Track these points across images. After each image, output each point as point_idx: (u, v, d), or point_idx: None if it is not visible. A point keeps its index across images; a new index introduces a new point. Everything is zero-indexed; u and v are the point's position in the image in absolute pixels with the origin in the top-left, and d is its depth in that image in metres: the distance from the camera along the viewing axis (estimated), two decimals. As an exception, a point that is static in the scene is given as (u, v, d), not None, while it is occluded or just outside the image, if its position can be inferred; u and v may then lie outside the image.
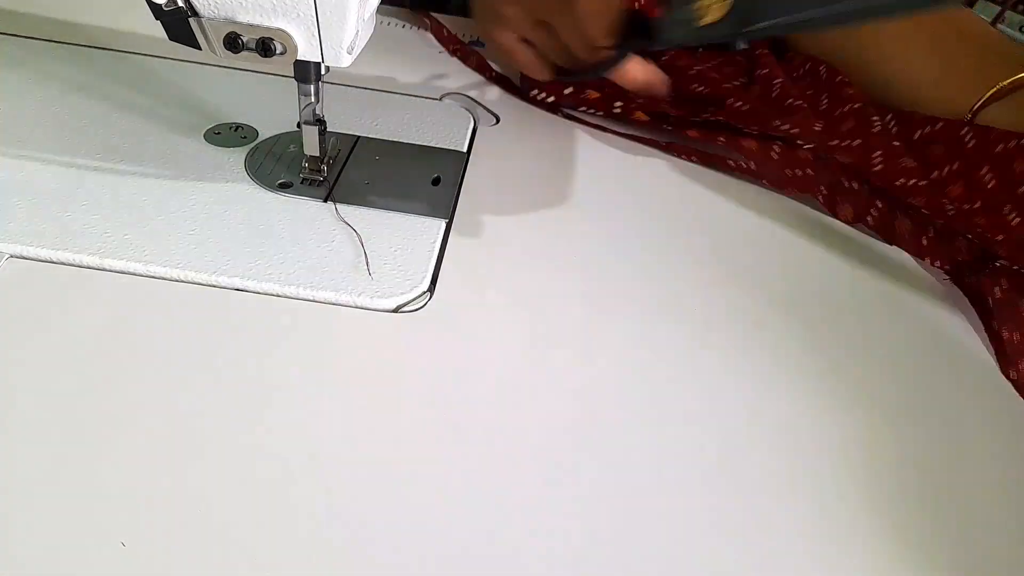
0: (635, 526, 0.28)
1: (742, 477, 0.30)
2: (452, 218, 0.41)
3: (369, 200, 0.40)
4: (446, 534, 0.27)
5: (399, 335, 0.34)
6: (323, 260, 0.36)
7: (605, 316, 0.37)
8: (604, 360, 0.34)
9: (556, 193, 0.45)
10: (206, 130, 0.44)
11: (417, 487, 0.28)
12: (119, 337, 0.32)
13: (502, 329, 0.35)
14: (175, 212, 0.38)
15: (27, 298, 0.33)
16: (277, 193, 0.40)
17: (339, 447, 0.29)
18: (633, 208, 0.45)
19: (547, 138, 0.50)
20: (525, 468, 0.29)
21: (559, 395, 0.32)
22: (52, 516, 0.25)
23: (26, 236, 0.35)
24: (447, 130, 0.48)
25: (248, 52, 0.34)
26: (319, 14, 0.33)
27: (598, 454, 0.30)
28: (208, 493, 0.27)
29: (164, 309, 0.33)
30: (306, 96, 0.37)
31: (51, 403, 0.29)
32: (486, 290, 0.37)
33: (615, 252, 0.41)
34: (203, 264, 0.35)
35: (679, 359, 0.35)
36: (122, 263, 0.34)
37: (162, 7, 0.32)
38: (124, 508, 0.26)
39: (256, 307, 0.34)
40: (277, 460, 0.28)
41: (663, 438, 0.31)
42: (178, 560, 0.25)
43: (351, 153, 0.44)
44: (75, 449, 0.27)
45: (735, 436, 0.32)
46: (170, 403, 0.29)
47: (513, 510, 0.28)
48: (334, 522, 0.26)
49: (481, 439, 0.30)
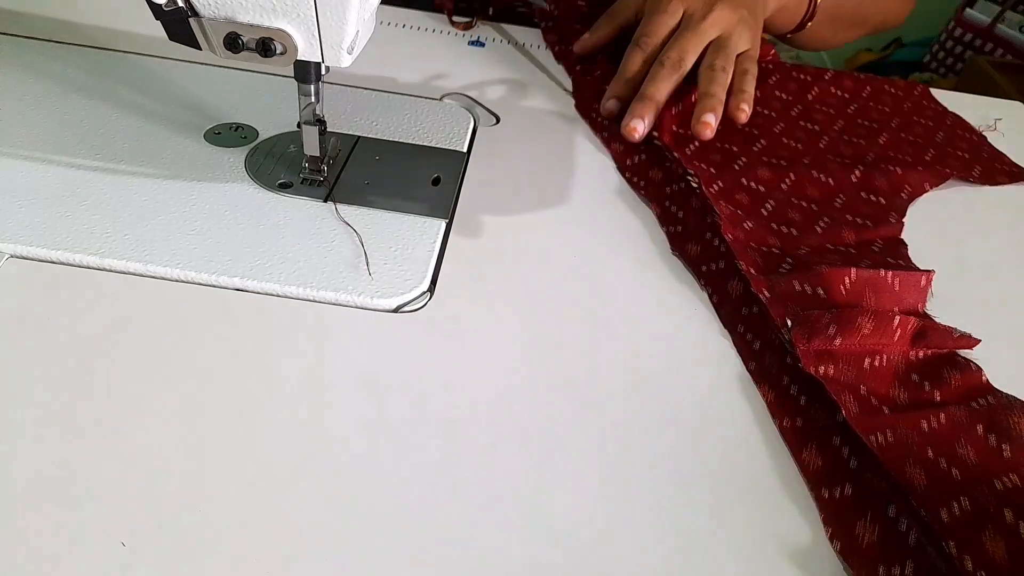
0: (635, 526, 0.28)
1: (745, 477, 0.30)
2: (452, 218, 0.41)
3: (369, 200, 0.40)
4: (445, 533, 0.27)
5: (399, 335, 0.34)
6: (323, 260, 0.36)
7: (605, 316, 0.37)
8: (604, 359, 0.34)
9: (556, 193, 0.45)
10: (206, 130, 0.44)
11: (416, 486, 0.28)
12: (119, 337, 0.32)
13: (502, 329, 0.35)
14: (175, 212, 0.38)
15: (27, 298, 0.33)
16: (277, 193, 0.40)
17: (338, 446, 0.29)
18: (633, 208, 0.45)
19: (547, 138, 0.50)
20: (525, 468, 0.29)
21: (559, 395, 0.32)
22: (52, 516, 0.25)
23: (26, 236, 0.35)
24: (447, 130, 0.48)
25: (248, 52, 0.34)
26: (319, 14, 0.33)
27: (598, 454, 0.30)
28: (208, 493, 0.27)
29: (164, 309, 0.33)
30: (306, 96, 0.37)
31: (51, 403, 0.29)
32: (486, 290, 0.37)
33: (615, 252, 0.41)
34: (203, 264, 0.35)
35: (680, 358, 0.35)
36: (122, 263, 0.34)
37: (162, 7, 0.32)
38: (124, 508, 0.26)
39: (256, 307, 0.34)
40: (277, 459, 0.28)
41: (664, 438, 0.31)
42: (178, 560, 0.25)
43: (351, 153, 0.44)
44: (75, 449, 0.27)
45: (737, 436, 0.32)
46: (170, 403, 0.29)
47: (512, 509, 0.28)
48: (333, 521, 0.27)
49: (480, 439, 0.30)
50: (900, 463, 0.29)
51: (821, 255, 0.41)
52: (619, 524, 0.28)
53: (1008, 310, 0.41)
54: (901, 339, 0.35)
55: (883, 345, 0.35)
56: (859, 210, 0.45)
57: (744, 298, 0.37)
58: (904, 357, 0.35)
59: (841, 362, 0.34)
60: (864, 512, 0.29)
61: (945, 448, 0.30)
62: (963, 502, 0.28)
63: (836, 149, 0.51)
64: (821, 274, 0.37)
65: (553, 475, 0.29)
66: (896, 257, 0.42)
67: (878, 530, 0.28)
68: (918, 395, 0.34)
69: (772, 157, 0.49)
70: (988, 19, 1.56)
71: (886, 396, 0.33)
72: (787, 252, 0.41)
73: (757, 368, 0.35)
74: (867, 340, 0.34)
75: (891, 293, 0.38)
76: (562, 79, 0.57)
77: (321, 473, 0.28)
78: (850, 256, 0.41)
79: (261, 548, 0.25)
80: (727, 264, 0.39)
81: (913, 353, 0.35)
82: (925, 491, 0.29)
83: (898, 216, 0.46)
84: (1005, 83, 1.28)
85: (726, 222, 0.40)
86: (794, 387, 0.34)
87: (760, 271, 0.38)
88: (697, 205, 0.43)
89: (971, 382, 0.34)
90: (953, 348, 0.36)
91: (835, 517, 0.29)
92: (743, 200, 0.44)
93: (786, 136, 0.52)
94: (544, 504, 0.28)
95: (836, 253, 0.41)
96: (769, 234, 0.42)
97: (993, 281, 0.43)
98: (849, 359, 0.34)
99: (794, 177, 0.47)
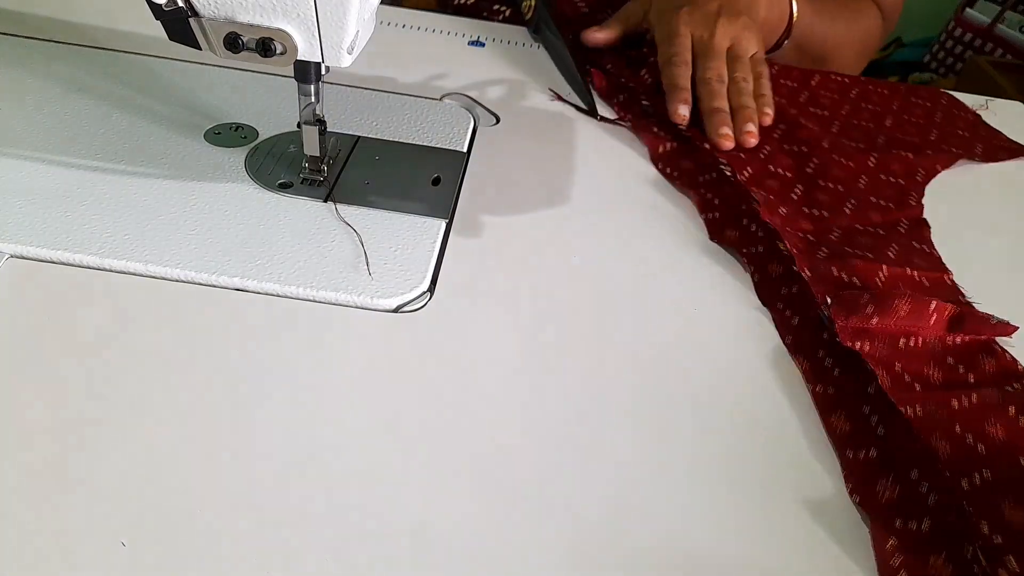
0: (634, 526, 0.28)
1: (746, 477, 0.30)
2: (452, 218, 0.41)
3: (369, 200, 0.40)
4: (445, 532, 0.27)
5: (399, 335, 0.34)
6: (323, 260, 0.36)
7: (605, 315, 0.37)
8: (604, 359, 0.34)
9: (556, 193, 0.45)
10: (206, 130, 0.44)
11: (416, 486, 0.28)
12: (119, 337, 0.32)
13: (502, 329, 0.35)
14: (175, 212, 0.38)
15: (27, 298, 0.33)
16: (277, 193, 0.40)
17: (338, 446, 0.29)
18: (633, 207, 0.45)
19: (547, 138, 0.50)
20: (525, 468, 0.29)
21: (559, 395, 0.32)
22: (52, 516, 0.25)
23: (26, 236, 0.35)
24: (447, 130, 0.48)
25: (248, 52, 0.34)
26: (319, 14, 0.33)
27: (599, 454, 0.30)
28: (207, 492, 0.27)
29: (164, 309, 0.33)
30: (306, 96, 0.37)
31: (51, 403, 0.29)
32: (486, 290, 0.37)
33: (615, 251, 0.41)
34: (203, 264, 0.35)
35: (681, 358, 0.35)
36: (122, 263, 0.34)
37: (162, 7, 0.32)
38: (124, 508, 0.26)
39: (256, 307, 0.34)
40: (276, 459, 0.28)
41: (664, 438, 0.31)
42: (178, 560, 0.25)
43: (351, 153, 0.44)
44: (75, 449, 0.27)
45: (739, 436, 0.32)
46: (170, 402, 0.29)
47: (512, 509, 0.28)
48: (333, 521, 0.26)
49: (480, 439, 0.30)
50: (927, 434, 0.30)
51: (852, 237, 0.43)
52: (618, 523, 0.28)
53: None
54: (937, 323, 0.36)
55: (919, 328, 0.36)
56: (882, 192, 0.47)
57: (784, 278, 0.39)
58: (940, 341, 0.36)
59: (877, 340, 0.35)
60: (887, 473, 0.30)
61: (973, 425, 0.31)
62: (985, 473, 0.29)
63: (848, 133, 0.53)
64: (856, 266, 0.39)
65: (553, 475, 0.29)
66: (920, 241, 0.44)
67: (899, 489, 0.29)
68: (951, 376, 0.34)
69: (792, 144, 0.50)
70: (988, 19, 1.56)
71: (919, 374, 0.34)
72: (820, 239, 0.42)
73: (794, 341, 0.36)
74: (903, 322, 0.36)
75: (922, 288, 0.39)
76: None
77: (321, 473, 0.28)
78: (879, 237, 0.43)
79: (261, 548, 0.25)
80: (765, 248, 0.41)
81: (950, 338, 0.36)
82: (949, 459, 0.29)
83: (917, 198, 0.48)
84: (1005, 83, 1.27)
85: (764, 207, 0.42)
86: (828, 359, 0.35)
87: (801, 252, 0.40)
88: (731, 192, 0.45)
89: (1006, 368, 0.35)
90: (990, 335, 0.37)
91: (858, 475, 0.30)
92: (773, 186, 0.46)
93: (802, 119, 0.53)
94: (544, 503, 0.28)
95: (866, 235, 0.43)
96: (802, 218, 0.44)
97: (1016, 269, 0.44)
98: (885, 338, 0.35)
99: (817, 161, 0.48)
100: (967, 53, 1.59)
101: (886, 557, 0.27)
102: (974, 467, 0.29)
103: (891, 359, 0.34)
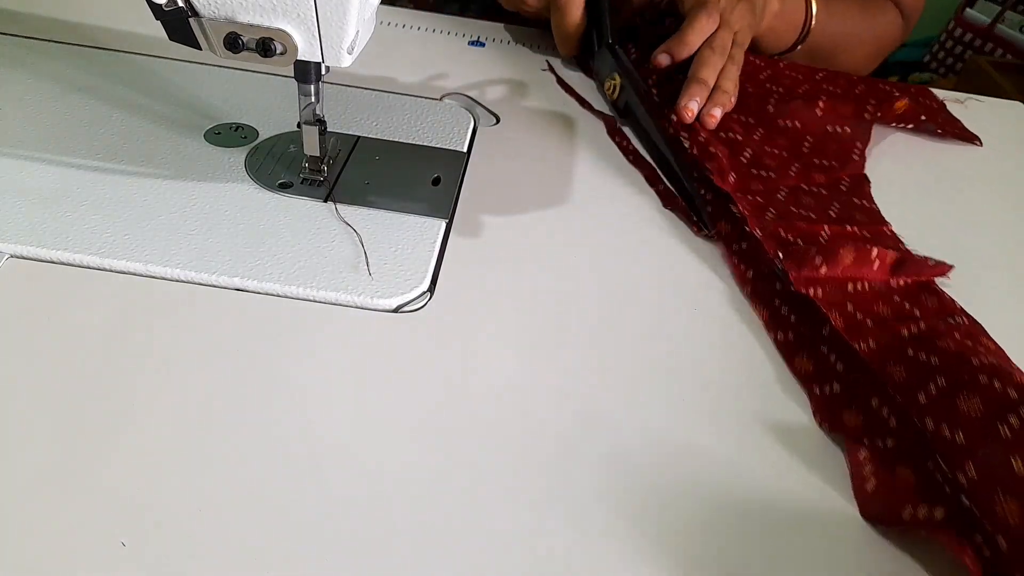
0: (634, 525, 0.28)
1: (749, 476, 0.30)
2: (452, 218, 0.41)
3: (369, 200, 0.40)
4: (445, 532, 0.27)
5: (399, 335, 0.34)
6: (323, 260, 0.36)
7: (605, 315, 0.37)
8: (605, 359, 0.34)
9: (556, 193, 0.45)
10: (206, 130, 0.44)
11: (416, 486, 0.28)
12: (119, 337, 0.32)
13: (502, 329, 0.35)
14: (175, 212, 0.38)
15: (27, 298, 0.33)
16: (277, 193, 0.40)
17: (339, 446, 0.29)
18: (633, 207, 0.45)
19: (547, 138, 0.50)
20: (525, 467, 0.29)
21: (559, 395, 0.32)
22: (52, 516, 0.25)
23: (26, 236, 0.35)
24: (447, 130, 0.48)
25: (248, 52, 0.34)
26: (319, 14, 0.33)
27: (599, 453, 0.30)
28: (208, 492, 0.27)
29: (164, 309, 0.33)
30: (306, 96, 0.37)
31: (51, 403, 0.29)
32: (486, 290, 0.37)
33: (615, 250, 0.41)
34: (203, 264, 0.35)
35: (682, 357, 0.35)
36: (122, 263, 0.34)
37: (162, 7, 0.32)
38: (124, 508, 0.26)
39: (256, 307, 0.34)
40: (277, 459, 0.28)
41: (665, 437, 0.31)
42: (178, 560, 0.25)
43: (351, 153, 0.44)
44: (75, 449, 0.27)
45: (740, 435, 0.32)
46: (170, 403, 0.29)
47: (512, 509, 0.28)
48: (333, 521, 0.26)
49: (480, 439, 0.30)
50: (882, 364, 0.33)
51: (797, 197, 0.46)
52: (618, 523, 0.28)
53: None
54: (880, 268, 0.39)
55: (864, 273, 0.39)
56: (827, 151, 0.51)
57: (733, 236, 0.42)
58: (885, 284, 0.39)
59: (828, 286, 0.38)
60: (850, 404, 0.33)
61: (926, 345, 0.33)
62: (940, 380, 0.31)
63: (794, 92, 0.56)
64: (800, 228, 0.42)
65: (553, 475, 0.29)
66: (861, 196, 0.47)
67: (862, 416, 0.32)
68: (899, 310, 0.38)
69: (742, 114, 0.53)
70: (988, 19, 1.56)
71: (870, 311, 0.37)
72: (768, 201, 0.45)
73: (752, 291, 0.39)
74: (849, 270, 0.39)
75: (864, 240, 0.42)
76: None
77: (321, 473, 0.28)
78: (822, 197, 0.47)
79: (261, 548, 0.25)
80: (714, 209, 0.44)
81: (893, 280, 0.39)
82: (904, 382, 0.32)
83: (861, 150, 0.51)
84: (1005, 83, 1.27)
85: (715, 173, 0.45)
86: (784, 308, 0.38)
87: (751, 213, 0.42)
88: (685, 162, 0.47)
89: (945, 306, 0.38)
90: (930, 275, 0.40)
91: (825, 408, 0.33)
92: (723, 152, 0.48)
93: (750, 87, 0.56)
94: (544, 503, 0.28)
95: (810, 195, 0.46)
96: (751, 180, 0.46)
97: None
98: (834, 283, 0.38)
99: (763, 131, 0.51)
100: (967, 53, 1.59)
101: (859, 467, 0.30)
102: (929, 378, 0.32)
103: (842, 301, 0.37)
